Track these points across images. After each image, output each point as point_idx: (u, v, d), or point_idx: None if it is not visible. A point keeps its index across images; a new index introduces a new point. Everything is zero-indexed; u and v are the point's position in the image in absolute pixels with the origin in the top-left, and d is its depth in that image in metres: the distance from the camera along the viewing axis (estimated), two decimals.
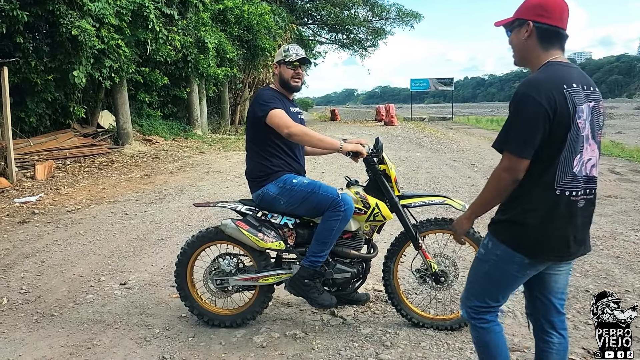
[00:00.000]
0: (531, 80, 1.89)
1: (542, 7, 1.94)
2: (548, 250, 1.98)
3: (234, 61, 18.52)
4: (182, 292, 3.44)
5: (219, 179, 9.55)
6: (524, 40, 2.00)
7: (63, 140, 12.22)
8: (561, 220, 1.93)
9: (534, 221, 1.94)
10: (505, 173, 1.91)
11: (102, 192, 8.32)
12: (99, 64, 11.47)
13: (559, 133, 1.85)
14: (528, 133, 1.85)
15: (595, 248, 4.99)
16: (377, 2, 34.93)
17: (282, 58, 3.23)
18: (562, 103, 1.83)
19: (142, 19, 12.26)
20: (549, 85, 1.84)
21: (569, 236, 1.96)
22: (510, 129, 1.91)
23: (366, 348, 3.10)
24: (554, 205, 1.92)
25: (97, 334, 3.40)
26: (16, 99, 11.50)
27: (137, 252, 5.16)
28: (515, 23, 2.03)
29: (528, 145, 1.85)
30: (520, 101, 1.87)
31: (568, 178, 1.91)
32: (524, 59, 2.06)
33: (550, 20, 1.94)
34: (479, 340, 2.20)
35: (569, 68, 1.95)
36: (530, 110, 1.84)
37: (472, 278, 2.20)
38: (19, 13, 9.66)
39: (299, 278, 3.15)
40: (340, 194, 3.06)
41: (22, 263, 4.88)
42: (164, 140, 15.38)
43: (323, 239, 3.06)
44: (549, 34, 1.95)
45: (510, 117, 1.92)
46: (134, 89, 15.24)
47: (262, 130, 3.13)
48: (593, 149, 1.95)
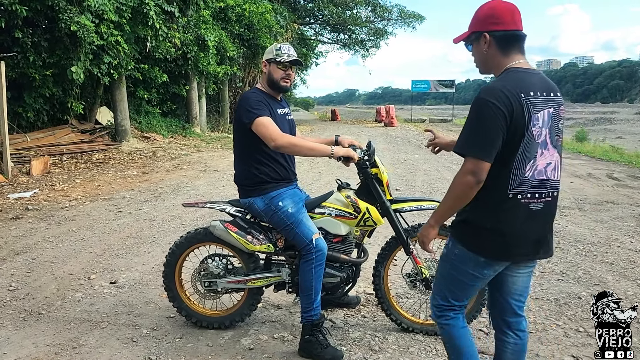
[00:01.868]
0: (491, 87, 1.94)
1: (493, 15, 2.01)
2: (501, 251, 2.03)
3: (234, 59, 18.48)
4: (171, 292, 3.41)
5: (216, 178, 9.52)
6: (484, 51, 2.06)
7: (60, 136, 12.18)
8: (514, 222, 1.99)
9: (487, 222, 2.01)
10: (469, 176, 1.94)
11: (97, 189, 8.29)
12: (98, 60, 11.41)
13: (514, 139, 1.92)
14: (489, 137, 1.90)
15: (590, 254, 4.97)
16: (379, 3, 34.88)
17: (273, 57, 3.09)
18: (519, 111, 1.89)
19: (142, 16, 12.20)
20: (507, 93, 1.90)
21: (524, 238, 2.02)
22: (471, 133, 1.96)
23: (354, 352, 3.07)
24: (507, 208, 1.98)
25: (83, 333, 3.38)
26: (14, 93, 11.45)
27: (129, 251, 5.13)
28: (472, 36, 2.09)
29: (491, 149, 1.91)
30: (481, 107, 1.92)
31: (520, 182, 1.96)
32: (487, 68, 2.12)
33: (505, 25, 2.00)
34: (444, 339, 2.28)
35: (529, 74, 1.99)
36: (490, 115, 1.89)
37: (437, 277, 2.28)
38: (18, 7, 9.60)
39: (301, 337, 3.08)
40: (315, 239, 2.97)
41: (13, 260, 4.85)
42: (162, 138, 15.34)
43: (307, 290, 3.01)
44: (507, 39, 2.01)
45: (470, 122, 1.97)
46: (132, 85, 15.19)
47: (248, 137, 3.02)
48: (552, 154, 2.01)
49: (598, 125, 41.86)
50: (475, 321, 3.37)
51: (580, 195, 7.95)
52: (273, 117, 3.02)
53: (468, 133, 1.97)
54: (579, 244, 5.32)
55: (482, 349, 3.10)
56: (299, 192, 3.26)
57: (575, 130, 28.08)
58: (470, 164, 1.94)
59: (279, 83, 3.12)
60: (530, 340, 3.20)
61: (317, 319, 3.04)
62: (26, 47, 10.64)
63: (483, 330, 3.36)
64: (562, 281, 4.27)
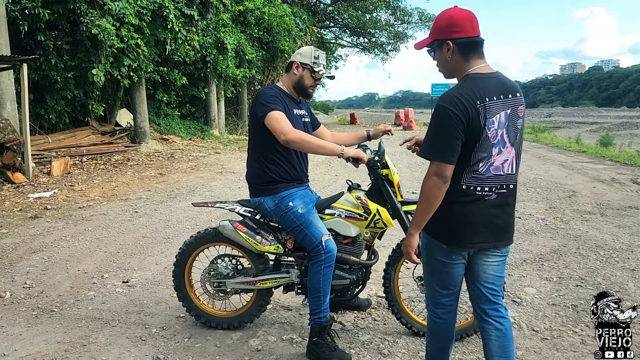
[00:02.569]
0: (449, 96, 2.08)
1: (454, 24, 2.13)
2: (459, 239, 2.19)
3: (253, 62, 18.56)
4: (180, 292, 3.41)
5: (232, 180, 9.56)
6: (448, 58, 2.18)
7: (81, 138, 12.37)
8: (470, 212, 2.16)
9: (445, 211, 2.16)
10: (435, 177, 2.09)
11: (115, 190, 8.38)
12: (118, 62, 11.59)
13: (470, 141, 2.08)
14: (450, 142, 2.06)
15: (610, 260, 4.83)
16: (399, 6, 34.75)
17: (310, 64, 3.07)
18: (475, 116, 2.05)
19: (161, 19, 12.37)
20: (463, 100, 2.04)
21: (480, 227, 2.17)
22: (434, 139, 2.12)
23: (363, 356, 3.03)
24: (462, 200, 2.15)
25: (94, 331, 3.39)
26: (36, 96, 11.71)
27: (142, 251, 5.16)
28: (434, 44, 2.22)
29: (453, 152, 2.07)
30: (440, 114, 2.08)
31: (474, 176, 2.13)
32: (451, 73, 2.25)
33: (466, 33, 2.13)
34: (430, 328, 2.43)
35: (486, 79, 2.12)
36: (449, 122, 2.05)
37: (424, 271, 2.42)
38: (41, 11, 9.83)
39: (309, 339, 3.05)
40: (324, 241, 2.94)
41: (29, 258, 4.91)
42: (181, 140, 15.48)
43: (315, 292, 2.98)
44: (468, 45, 2.14)
45: (432, 128, 2.12)
46: (152, 88, 15.37)
47: (262, 132, 3.01)
48: (509, 151, 2.17)
49: (624, 130, 40.97)
50: None
51: (602, 200, 7.76)
52: (287, 115, 2.99)
53: (430, 139, 2.13)
54: (599, 249, 5.18)
55: None
56: (309, 193, 3.23)
57: (600, 135, 27.54)
58: (434, 167, 2.09)
59: (307, 90, 3.15)
60: (545, 347, 3.13)
61: (325, 321, 3.00)
62: (48, 49, 10.87)
63: None
64: (580, 287, 4.15)
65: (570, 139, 21.64)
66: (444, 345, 2.42)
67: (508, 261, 4.76)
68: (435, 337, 2.42)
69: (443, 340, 2.41)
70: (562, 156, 14.32)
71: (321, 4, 34.82)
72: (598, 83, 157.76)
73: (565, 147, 17.24)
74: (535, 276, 4.41)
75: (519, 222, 6.37)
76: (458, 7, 2.17)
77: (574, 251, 5.13)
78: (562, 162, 12.67)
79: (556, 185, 9.13)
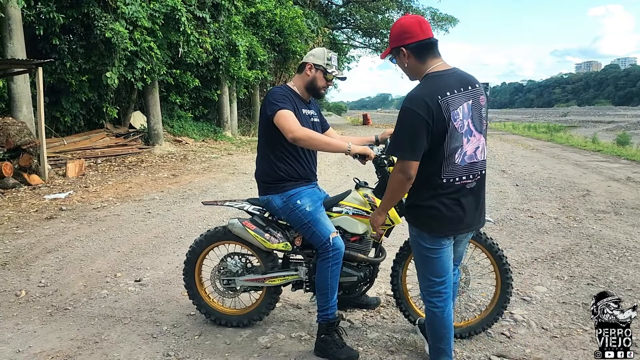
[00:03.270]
0: (412, 96, 2.25)
1: (405, 31, 2.33)
2: (443, 226, 2.36)
3: (265, 64, 18.66)
4: (191, 290, 3.45)
5: (244, 180, 9.62)
6: (406, 63, 2.39)
7: (96, 140, 12.54)
8: (451, 201, 2.32)
9: (429, 204, 2.34)
10: (400, 174, 2.27)
11: (129, 191, 8.49)
12: (132, 65, 11.74)
13: (439, 135, 2.23)
14: (414, 140, 2.22)
15: (623, 259, 4.78)
16: (412, 6, 34.63)
17: (323, 66, 3.13)
18: (438, 111, 2.20)
19: (174, 22, 12.49)
20: (426, 99, 2.20)
21: (461, 213, 2.35)
22: (399, 138, 2.28)
23: (370, 353, 3.04)
24: (444, 192, 2.31)
25: (106, 328, 3.45)
26: (52, 99, 11.90)
27: (155, 250, 5.22)
28: (393, 52, 2.43)
29: (416, 150, 2.23)
30: (404, 114, 2.24)
31: (452, 168, 2.29)
32: (413, 76, 2.45)
33: (416, 37, 2.32)
34: (428, 320, 2.55)
35: (445, 76, 2.30)
36: (413, 121, 2.21)
37: (416, 264, 2.56)
38: (55, 15, 9.99)
39: (317, 336, 3.07)
40: (332, 238, 2.96)
41: (44, 257, 5.00)
42: (194, 142, 15.61)
43: (323, 289, 3.00)
44: (420, 48, 2.33)
45: (397, 128, 2.28)
46: (165, 90, 15.53)
47: (271, 131, 3.04)
48: (479, 139, 2.35)
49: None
50: (497, 324, 3.29)
51: (617, 199, 7.68)
52: (296, 114, 3.02)
53: (396, 138, 2.30)
54: (612, 248, 5.13)
55: (504, 353, 3.01)
56: (317, 192, 3.25)
57: (617, 134, 27.16)
58: (399, 164, 2.27)
59: (320, 90, 3.19)
60: (554, 345, 3.12)
61: (333, 318, 3.02)
62: (63, 53, 11.04)
63: (505, 333, 3.26)
64: (592, 286, 4.11)
65: (586, 138, 21.38)
66: (444, 334, 2.51)
67: (518, 259, 4.76)
68: (434, 327, 2.52)
69: (442, 329, 2.51)
70: (577, 155, 14.17)
71: (333, 5, 34.88)
72: (615, 81, 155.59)
73: (580, 146, 17.05)
74: (546, 275, 4.38)
75: (531, 221, 6.33)
76: (408, 15, 2.41)
77: (586, 250, 5.09)
78: (577, 161, 12.53)
79: (570, 184, 9.04)
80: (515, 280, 4.01)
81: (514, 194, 8.21)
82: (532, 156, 14.04)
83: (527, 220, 6.39)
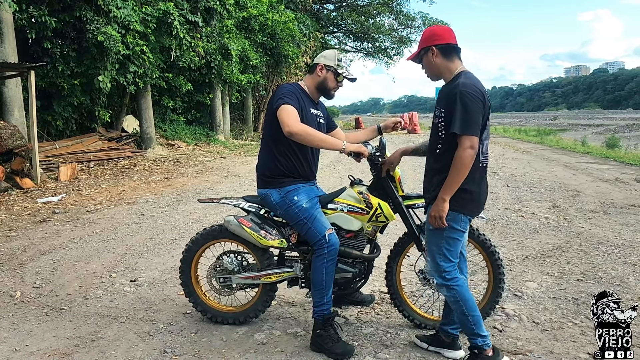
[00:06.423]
0: (470, 84, 2.55)
1: (435, 34, 2.70)
2: (478, 208, 2.73)
3: (258, 68, 18.71)
4: (187, 288, 3.47)
5: (237, 183, 9.64)
6: (433, 61, 2.70)
7: (88, 144, 12.51)
8: (483, 184, 2.71)
9: (472, 187, 2.63)
10: (471, 150, 2.49)
11: (122, 194, 8.48)
12: (124, 69, 11.75)
13: (484, 121, 2.59)
14: (478, 119, 2.53)
15: (612, 256, 4.87)
16: (403, 11, 34.91)
17: (334, 66, 3.18)
18: (486, 101, 2.58)
19: (166, 26, 12.52)
20: (480, 88, 2.57)
21: (485, 195, 2.74)
22: (465, 117, 2.49)
23: (365, 347, 3.08)
24: (480, 174, 2.66)
25: (102, 327, 3.46)
26: (44, 103, 11.87)
27: (150, 251, 5.24)
28: (422, 52, 2.74)
29: (478, 128, 2.53)
30: (467, 98, 2.50)
31: (484, 153, 2.66)
32: (436, 74, 2.75)
33: (445, 40, 2.67)
34: (454, 298, 2.72)
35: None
36: (476, 103, 2.51)
37: (434, 248, 2.74)
38: (47, 19, 9.99)
39: (313, 332, 3.11)
40: (327, 234, 3.01)
41: (39, 259, 5.00)
42: (187, 145, 15.61)
43: (318, 285, 3.04)
44: (449, 49, 2.68)
45: (461, 109, 2.49)
46: (158, 94, 15.53)
47: (276, 124, 3.04)
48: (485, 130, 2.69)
49: (630, 132, 40.74)
50: (489, 319, 3.34)
51: (606, 199, 7.78)
52: (302, 113, 3.06)
53: (462, 118, 2.49)
54: (601, 245, 5.22)
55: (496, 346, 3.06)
56: (315, 189, 3.29)
57: (606, 137, 27.43)
58: (468, 140, 2.49)
59: (330, 91, 3.25)
60: (545, 337, 3.18)
61: (328, 313, 3.06)
62: (55, 57, 11.02)
63: (497, 327, 3.32)
64: (581, 281, 4.19)
65: (575, 141, 21.60)
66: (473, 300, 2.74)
67: (510, 257, 4.83)
68: (466, 300, 2.71)
69: (470, 297, 2.73)
70: (567, 157, 14.33)
71: (324, 9, 35.02)
72: (603, 85, 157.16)
73: (570, 149, 17.23)
74: (536, 271, 4.45)
75: (522, 220, 6.41)
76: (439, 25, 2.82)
77: (576, 248, 5.17)
78: (567, 163, 12.68)
79: (560, 185, 9.15)
80: (506, 277, 4.07)
81: (505, 194, 8.30)
82: (522, 158, 14.17)
83: (518, 219, 6.47)
